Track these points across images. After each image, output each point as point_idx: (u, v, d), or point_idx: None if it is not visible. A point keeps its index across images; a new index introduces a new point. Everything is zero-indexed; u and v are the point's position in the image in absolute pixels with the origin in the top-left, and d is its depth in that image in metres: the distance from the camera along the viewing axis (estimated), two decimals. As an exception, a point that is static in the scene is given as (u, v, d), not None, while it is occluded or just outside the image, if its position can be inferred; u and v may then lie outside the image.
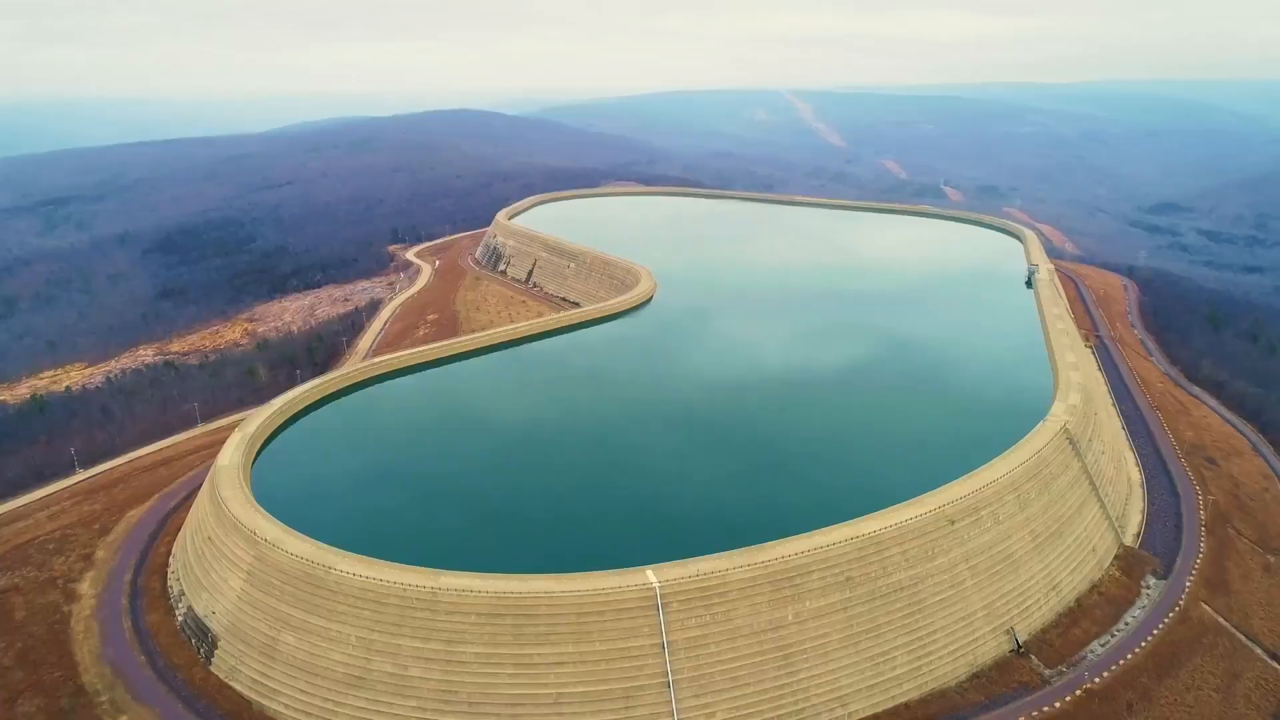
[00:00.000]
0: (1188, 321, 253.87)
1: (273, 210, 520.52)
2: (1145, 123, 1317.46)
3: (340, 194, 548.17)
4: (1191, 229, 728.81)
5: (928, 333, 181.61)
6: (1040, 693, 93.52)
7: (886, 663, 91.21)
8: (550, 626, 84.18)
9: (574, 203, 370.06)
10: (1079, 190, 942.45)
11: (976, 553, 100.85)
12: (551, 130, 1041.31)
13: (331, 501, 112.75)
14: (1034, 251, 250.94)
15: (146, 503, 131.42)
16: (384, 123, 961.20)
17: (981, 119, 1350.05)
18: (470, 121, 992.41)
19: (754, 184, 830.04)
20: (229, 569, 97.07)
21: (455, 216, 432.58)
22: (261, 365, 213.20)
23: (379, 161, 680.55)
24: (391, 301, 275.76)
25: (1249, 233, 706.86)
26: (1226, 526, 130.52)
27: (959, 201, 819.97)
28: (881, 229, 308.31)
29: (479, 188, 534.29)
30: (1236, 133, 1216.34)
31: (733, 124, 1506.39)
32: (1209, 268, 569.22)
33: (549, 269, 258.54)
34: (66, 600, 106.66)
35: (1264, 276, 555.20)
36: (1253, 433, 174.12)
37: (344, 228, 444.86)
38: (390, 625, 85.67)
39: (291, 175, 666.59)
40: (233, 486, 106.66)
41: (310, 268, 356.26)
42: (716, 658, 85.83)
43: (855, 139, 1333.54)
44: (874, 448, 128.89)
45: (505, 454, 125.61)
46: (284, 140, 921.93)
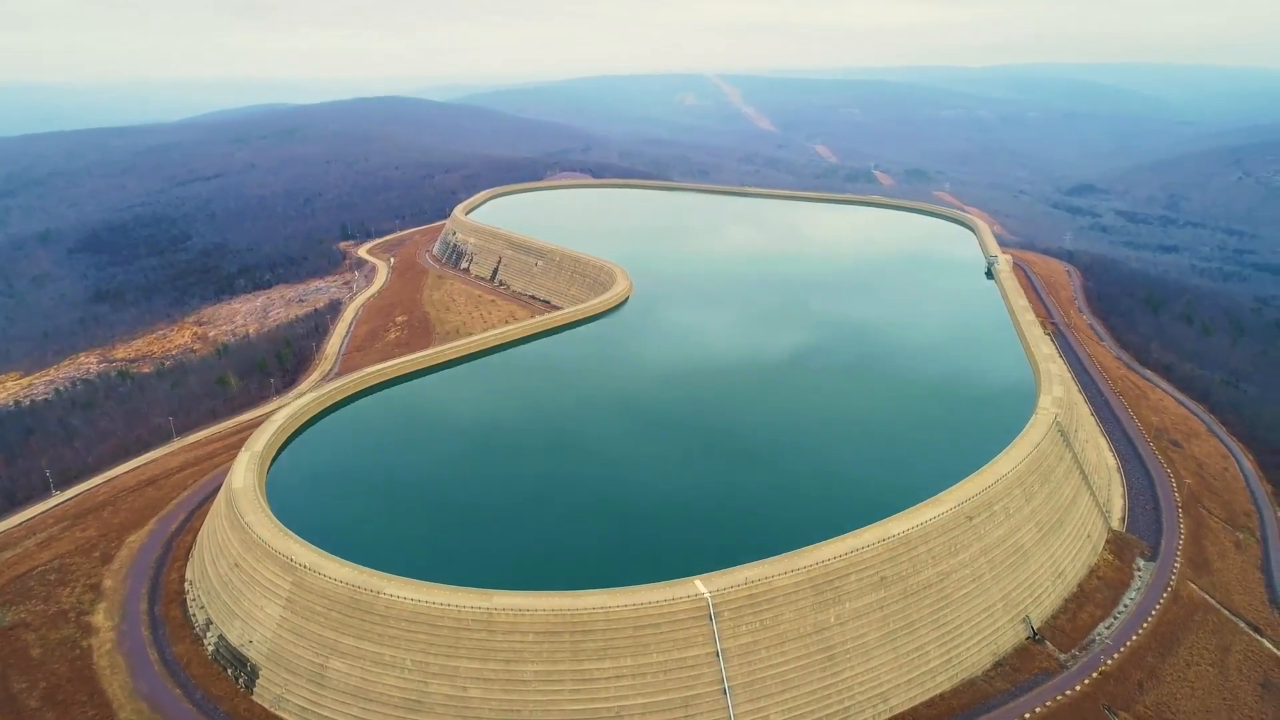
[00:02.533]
0: (1129, 306, 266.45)
1: (204, 205, 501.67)
2: (1060, 106, 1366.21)
3: (274, 187, 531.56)
4: (1109, 210, 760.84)
5: (906, 329, 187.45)
6: (1060, 678, 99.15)
7: (921, 657, 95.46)
8: (607, 641, 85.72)
9: (527, 196, 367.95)
10: (1001, 173, 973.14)
11: (993, 546, 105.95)
12: (484, 118, 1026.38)
13: (354, 520, 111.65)
14: (988, 241, 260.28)
15: (145, 527, 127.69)
16: (310, 111, 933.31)
17: (906, 103, 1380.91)
18: (400, 109, 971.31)
19: (690, 170, 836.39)
20: (264, 596, 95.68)
21: (401, 210, 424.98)
22: (232, 373, 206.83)
23: (310, 152, 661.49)
24: (352, 302, 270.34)
25: (1162, 213, 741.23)
26: (1199, 507, 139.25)
27: (890, 186, 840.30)
28: (840, 220, 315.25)
29: (421, 179, 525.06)
30: (1146, 115, 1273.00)
31: (662, 109, 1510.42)
32: (1129, 248, 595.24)
33: (515, 266, 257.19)
34: (83, 634, 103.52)
35: (1180, 256, 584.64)
36: (1205, 413, 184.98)
37: (284, 223, 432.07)
38: (446, 647, 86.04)
39: (218, 167, 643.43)
40: (255, 511, 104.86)
41: (257, 267, 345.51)
42: (767, 662, 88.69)
43: (785, 124, 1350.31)
44: (878, 448, 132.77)
45: (519, 464, 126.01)
46: (203, 129, 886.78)
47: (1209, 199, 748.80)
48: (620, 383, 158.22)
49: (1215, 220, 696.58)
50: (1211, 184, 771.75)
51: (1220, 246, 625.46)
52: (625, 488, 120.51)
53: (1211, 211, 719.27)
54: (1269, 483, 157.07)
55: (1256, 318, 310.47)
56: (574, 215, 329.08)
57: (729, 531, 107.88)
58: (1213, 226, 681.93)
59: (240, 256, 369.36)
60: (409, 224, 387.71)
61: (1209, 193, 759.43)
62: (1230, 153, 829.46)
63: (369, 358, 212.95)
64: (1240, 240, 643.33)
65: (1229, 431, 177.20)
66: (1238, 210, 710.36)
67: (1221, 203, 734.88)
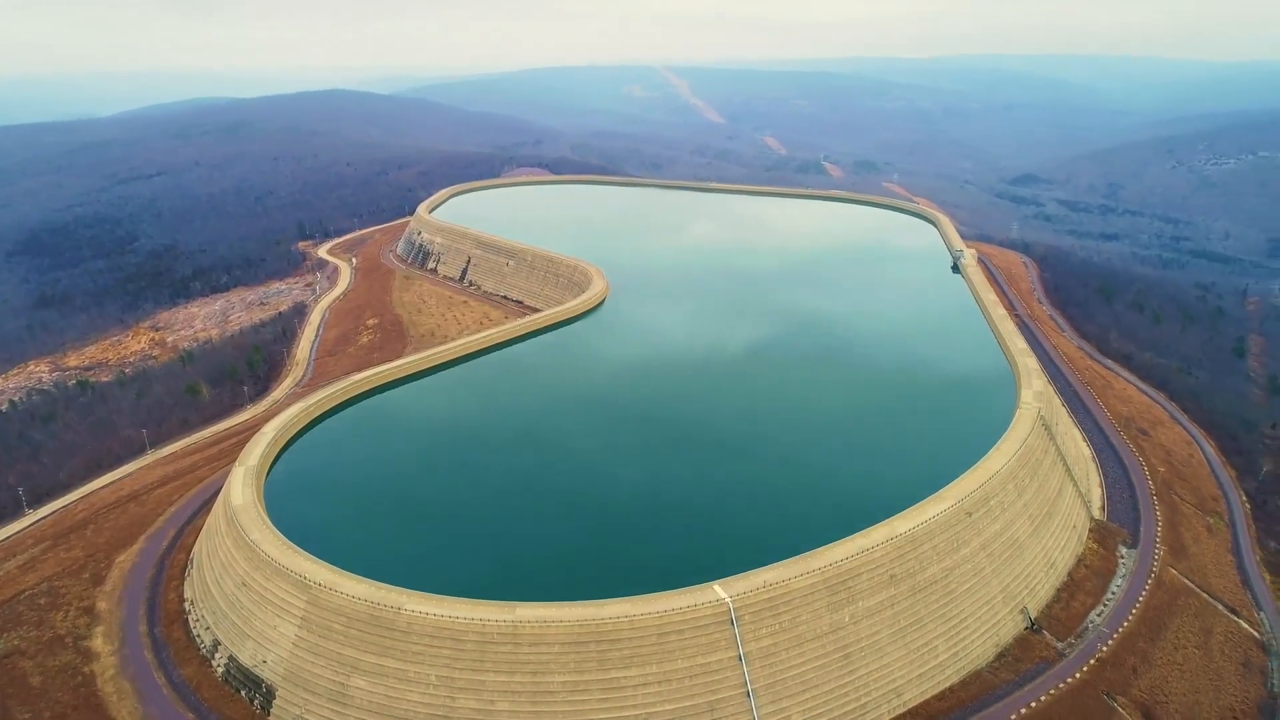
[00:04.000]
0: (1085, 296, 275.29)
1: (149, 204, 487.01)
2: (1000, 97, 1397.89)
3: (222, 185, 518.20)
4: (1051, 199, 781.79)
5: (884, 326, 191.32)
6: (1059, 666, 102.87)
7: (930, 652, 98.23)
8: (634, 649, 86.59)
9: (489, 193, 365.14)
10: (946, 163, 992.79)
11: (991, 540, 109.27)
12: (433, 111, 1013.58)
13: (357, 532, 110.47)
14: (951, 235, 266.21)
15: (134, 545, 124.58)
16: (253, 105, 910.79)
17: (851, 95, 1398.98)
18: (345, 103, 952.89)
19: (644, 163, 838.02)
20: (277, 615, 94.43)
21: (358, 208, 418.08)
22: (202, 381, 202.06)
23: (255, 148, 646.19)
24: (318, 304, 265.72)
25: (1101, 201, 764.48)
26: (1171, 494, 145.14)
27: (840, 178, 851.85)
28: (805, 215, 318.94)
29: (374, 176, 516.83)
30: (1082, 106, 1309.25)
31: (610, 100, 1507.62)
32: (1073, 236, 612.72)
33: (485, 266, 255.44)
34: (83, 660, 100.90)
35: (1121, 244, 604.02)
36: (1166, 401, 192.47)
37: (236, 223, 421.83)
38: (471, 662, 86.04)
39: (160, 164, 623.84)
40: (260, 528, 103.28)
41: (212, 269, 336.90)
42: (788, 664, 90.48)
43: (733, 115, 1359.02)
44: (870, 446, 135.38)
45: (516, 470, 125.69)
46: (140, 125, 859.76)
47: (1145, 187, 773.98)
48: (609, 385, 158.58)
49: (1152, 208, 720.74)
50: (1147, 173, 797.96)
51: (1158, 234, 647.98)
52: (626, 492, 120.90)
53: (1148, 200, 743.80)
54: (1232, 468, 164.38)
55: (1201, 305, 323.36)
56: (539, 212, 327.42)
57: (737, 534, 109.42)
58: (1150, 214, 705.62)
59: (193, 258, 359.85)
60: (367, 222, 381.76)
61: (1145, 181, 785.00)
62: (1164, 142, 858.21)
63: (342, 362, 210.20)
64: (1176, 228, 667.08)
65: (1190, 418, 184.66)
66: (1173, 199, 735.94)
67: (1157, 191, 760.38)
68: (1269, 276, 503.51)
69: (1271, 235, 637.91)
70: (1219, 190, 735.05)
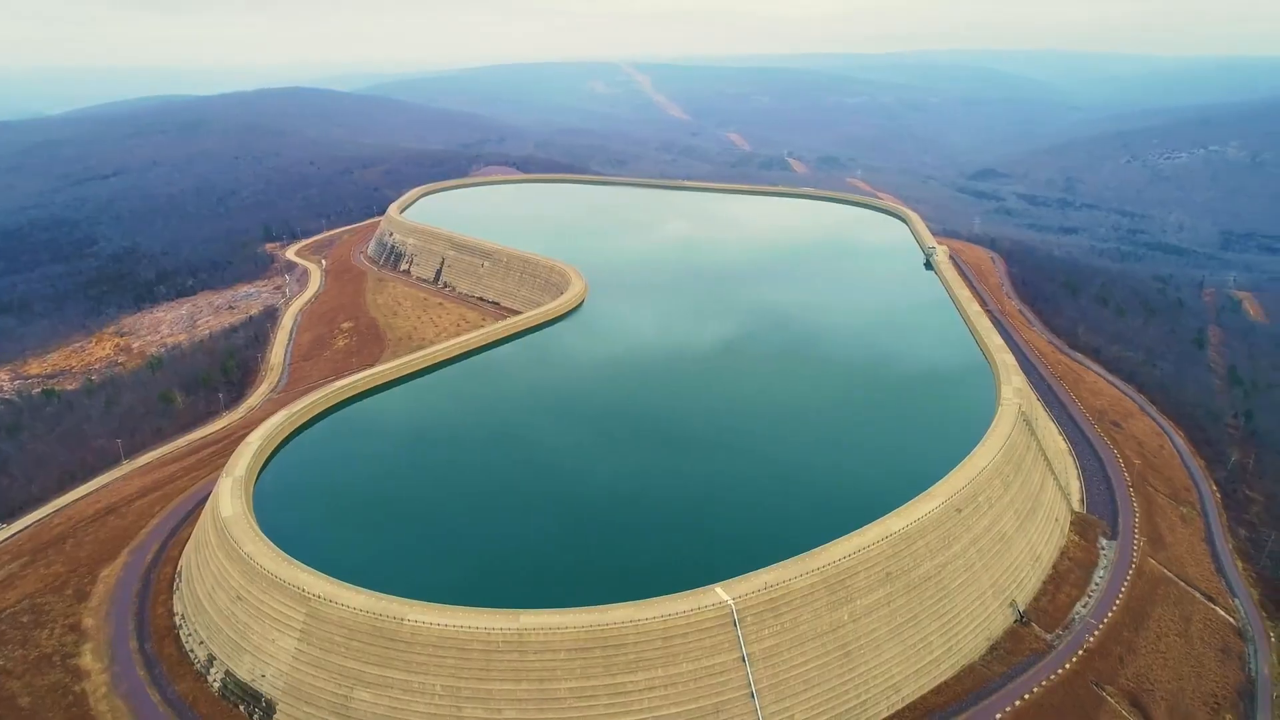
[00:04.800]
0: (1052, 291, 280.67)
1: (107, 206, 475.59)
2: (958, 92, 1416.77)
3: (182, 185, 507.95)
4: (1011, 193, 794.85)
5: (861, 324, 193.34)
6: (1049, 658, 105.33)
7: (925, 647, 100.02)
8: (639, 653, 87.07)
9: (460, 193, 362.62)
10: (908, 159, 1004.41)
11: (980, 536, 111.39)
12: (395, 109, 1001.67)
13: (351, 542, 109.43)
14: (922, 232, 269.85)
15: (117, 559, 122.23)
16: (211, 103, 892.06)
17: (813, 90, 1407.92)
18: (306, 101, 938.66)
19: (609, 160, 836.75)
20: (275, 629, 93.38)
21: (324, 209, 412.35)
22: (175, 389, 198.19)
23: (215, 147, 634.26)
24: (289, 308, 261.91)
25: (1060, 195, 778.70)
26: (1146, 485, 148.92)
27: (804, 174, 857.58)
28: (777, 213, 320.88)
29: (339, 175, 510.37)
30: (1039, 101, 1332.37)
31: (572, 97, 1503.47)
32: (1033, 230, 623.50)
33: (460, 267, 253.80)
34: (73, 679, 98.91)
35: (1080, 237, 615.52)
36: (1135, 393, 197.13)
37: (199, 224, 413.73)
38: (477, 671, 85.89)
39: (117, 164, 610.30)
40: (254, 540, 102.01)
41: (177, 272, 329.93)
42: (790, 663, 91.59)
43: (697, 112, 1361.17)
44: (857, 444, 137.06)
45: (506, 475, 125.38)
46: (94, 123, 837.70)
47: (1102, 181, 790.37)
48: (594, 387, 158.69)
49: (1108, 202, 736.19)
50: (1103, 167, 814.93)
51: (1115, 227, 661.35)
52: (617, 495, 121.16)
53: (1104, 194, 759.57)
54: (1201, 458, 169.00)
55: (1162, 298, 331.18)
56: (511, 212, 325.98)
57: (731, 535, 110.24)
58: (1106, 208, 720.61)
59: (157, 261, 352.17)
60: (335, 223, 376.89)
61: (1101, 175, 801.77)
62: (1118, 137, 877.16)
63: (319, 366, 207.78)
64: (1132, 220, 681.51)
65: (1159, 410, 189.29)
66: (1128, 192, 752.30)
67: (1113, 185, 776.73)
68: (1222, 268, 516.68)
69: (1223, 227, 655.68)
70: (1172, 184, 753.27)
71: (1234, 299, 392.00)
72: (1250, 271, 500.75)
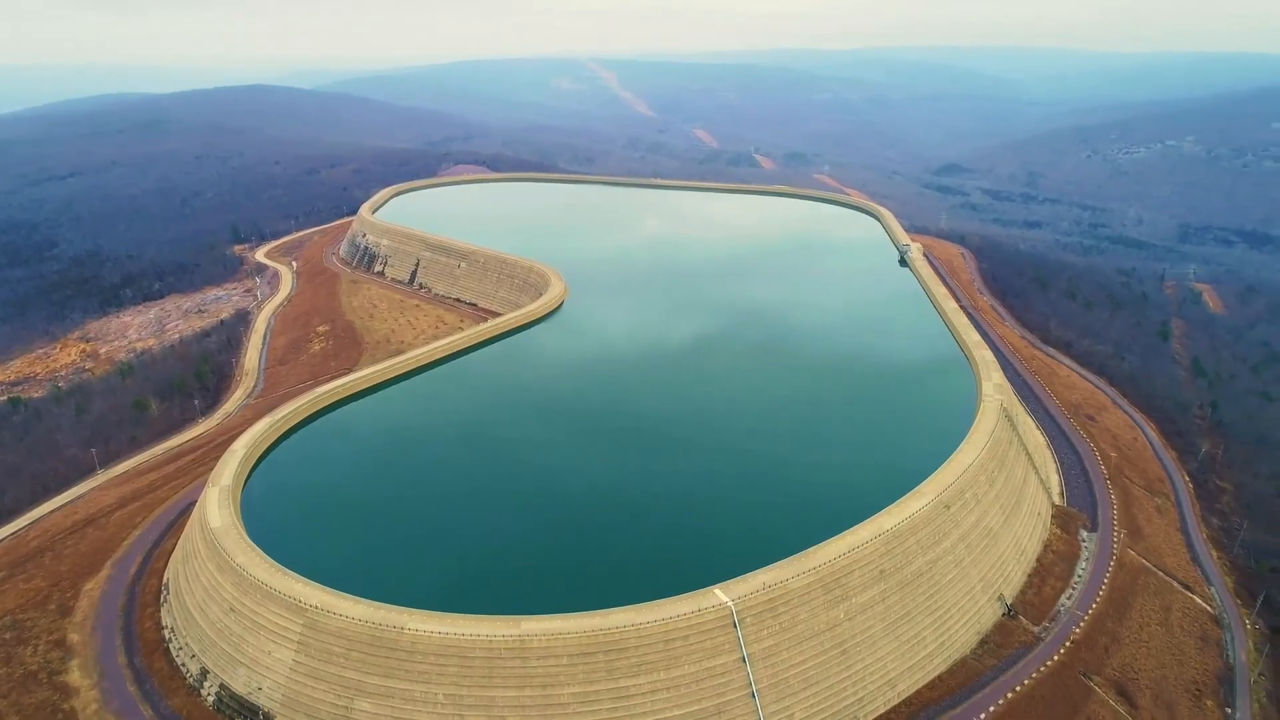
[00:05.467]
0: (1022, 286, 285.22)
1: (66, 207, 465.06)
2: (921, 88, 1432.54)
3: (144, 186, 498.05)
4: (976, 188, 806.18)
5: (840, 322, 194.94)
6: (1038, 650, 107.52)
7: (919, 643, 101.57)
8: (641, 657, 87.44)
9: (431, 193, 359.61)
10: (874, 154, 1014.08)
11: (969, 532, 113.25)
12: (359, 106, 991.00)
13: (342, 550, 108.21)
14: (895, 229, 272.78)
15: (100, 573, 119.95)
16: (170, 101, 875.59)
17: (779, 87, 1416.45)
18: (269, 98, 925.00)
19: (577, 158, 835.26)
20: (271, 640, 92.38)
21: (292, 209, 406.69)
22: (148, 395, 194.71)
23: (177, 147, 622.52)
24: (261, 311, 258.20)
25: (1023, 190, 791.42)
26: (1122, 477, 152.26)
27: (772, 170, 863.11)
28: (751, 211, 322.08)
29: (305, 175, 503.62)
30: (1000, 97, 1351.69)
31: (538, 94, 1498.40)
32: (998, 225, 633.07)
33: (435, 269, 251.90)
34: (62, 696, 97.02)
35: (1044, 231, 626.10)
36: (1107, 386, 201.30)
37: (164, 226, 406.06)
38: (480, 678, 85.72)
39: (74, 164, 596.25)
40: (245, 551, 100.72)
41: (143, 275, 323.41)
42: (789, 662, 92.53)
43: (663, 108, 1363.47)
44: (843, 442, 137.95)
45: (494, 479, 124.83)
46: (49, 122, 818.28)
47: (1063, 176, 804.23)
48: (580, 388, 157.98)
49: (1070, 196, 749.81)
50: (1064, 162, 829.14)
51: (1077, 221, 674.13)
52: (607, 496, 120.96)
53: (1066, 188, 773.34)
54: (1173, 449, 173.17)
55: (1127, 291, 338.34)
56: (484, 211, 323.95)
57: (724, 536, 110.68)
58: (1068, 202, 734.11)
59: (121, 264, 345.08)
60: (304, 224, 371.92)
61: (1063, 170, 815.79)
62: (1078, 132, 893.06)
63: (295, 371, 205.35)
64: (1093, 214, 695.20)
65: (1130, 403, 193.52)
66: (1089, 187, 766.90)
67: (1074, 179, 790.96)
68: (1181, 260, 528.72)
69: (1180, 221, 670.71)
70: (1131, 178, 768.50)
71: (1194, 291, 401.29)
72: (1208, 264, 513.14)
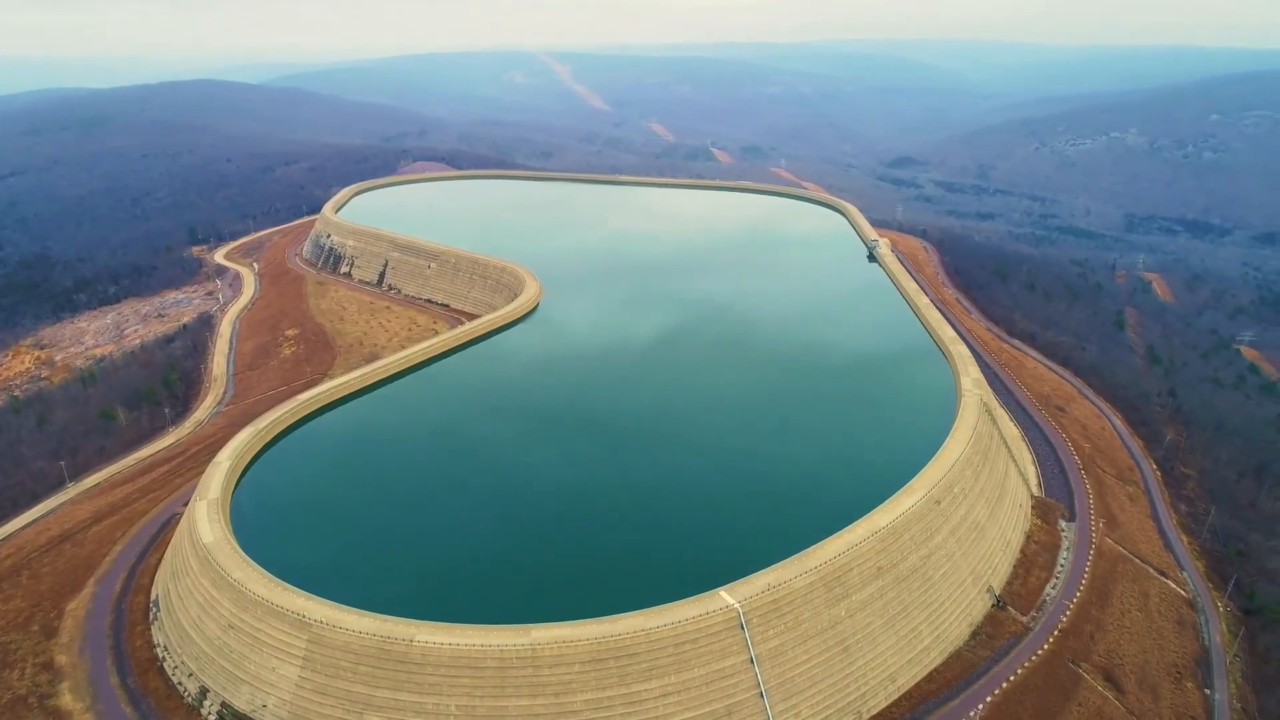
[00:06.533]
0: (984, 279, 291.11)
1: (9, 209, 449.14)
2: (871, 81, 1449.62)
3: (90, 186, 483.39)
4: (929, 181, 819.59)
5: (815, 320, 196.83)
6: (1028, 640, 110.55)
7: (916, 637, 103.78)
8: (652, 661, 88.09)
9: (394, 190, 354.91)
10: (828, 147, 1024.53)
11: (958, 526, 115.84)
12: (309, 102, 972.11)
13: (338, 561, 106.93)
14: (862, 225, 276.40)
15: (83, 591, 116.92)
16: (110, 97, 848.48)
17: (733, 80, 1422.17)
18: (216, 93, 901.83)
19: (534, 153, 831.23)
20: (274, 657, 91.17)
21: (248, 209, 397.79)
22: (114, 404, 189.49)
23: (122, 144, 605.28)
24: (225, 315, 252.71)
25: (974, 182, 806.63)
26: (1095, 467, 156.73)
27: (729, 164, 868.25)
28: (718, 207, 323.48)
29: (260, 173, 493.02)
30: (949, 89, 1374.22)
31: (491, 87, 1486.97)
32: (953, 217, 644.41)
33: (405, 269, 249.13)
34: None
35: (996, 223, 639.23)
36: (1073, 377, 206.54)
37: (115, 228, 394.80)
38: (492, 689, 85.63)
39: (12, 164, 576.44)
40: (241, 566, 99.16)
41: (97, 279, 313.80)
42: (794, 662, 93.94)
43: (617, 102, 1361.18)
44: (831, 441, 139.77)
45: (485, 485, 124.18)
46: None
47: (1013, 168, 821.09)
48: (565, 390, 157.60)
49: (1020, 188, 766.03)
50: (1014, 154, 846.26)
51: (1028, 212, 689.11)
52: (601, 499, 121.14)
53: (1016, 179, 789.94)
54: (1139, 438, 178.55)
55: (1083, 281, 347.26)
56: (448, 209, 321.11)
57: (721, 537, 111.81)
58: (1019, 194, 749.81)
59: (73, 268, 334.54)
60: (263, 224, 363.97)
61: (1013, 162, 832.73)
62: (1026, 124, 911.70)
63: (266, 376, 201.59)
64: (1043, 205, 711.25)
65: (1095, 393, 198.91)
66: (1038, 178, 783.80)
67: (1023, 171, 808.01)
68: (1128, 250, 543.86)
69: (1126, 211, 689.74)
70: (1078, 169, 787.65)
71: (1144, 280, 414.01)
72: (1154, 253, 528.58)
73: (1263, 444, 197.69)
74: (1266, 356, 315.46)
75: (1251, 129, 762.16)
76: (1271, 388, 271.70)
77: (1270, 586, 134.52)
